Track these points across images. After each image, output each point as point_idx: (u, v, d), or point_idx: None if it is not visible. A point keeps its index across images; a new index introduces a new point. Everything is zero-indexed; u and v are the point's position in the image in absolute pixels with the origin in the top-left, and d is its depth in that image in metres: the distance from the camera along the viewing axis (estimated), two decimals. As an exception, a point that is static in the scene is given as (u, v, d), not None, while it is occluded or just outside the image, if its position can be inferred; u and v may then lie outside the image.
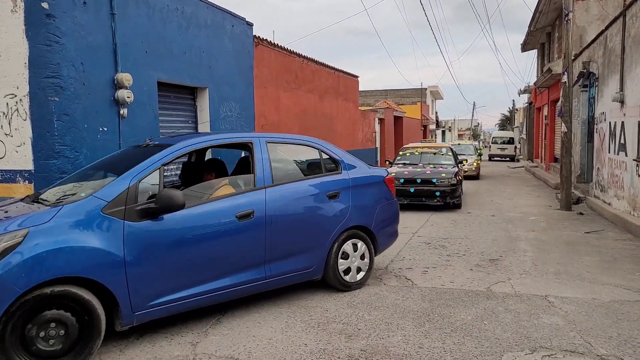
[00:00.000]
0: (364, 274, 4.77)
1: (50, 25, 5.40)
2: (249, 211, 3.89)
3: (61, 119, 5.50)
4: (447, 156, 11.25)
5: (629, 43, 8.03)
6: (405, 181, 9.84)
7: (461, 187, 10.19)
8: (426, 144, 12.49)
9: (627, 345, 3.43)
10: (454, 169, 10.26)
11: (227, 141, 4.50)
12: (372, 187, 4.90)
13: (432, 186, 9.69)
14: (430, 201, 9.65)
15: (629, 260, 5.71)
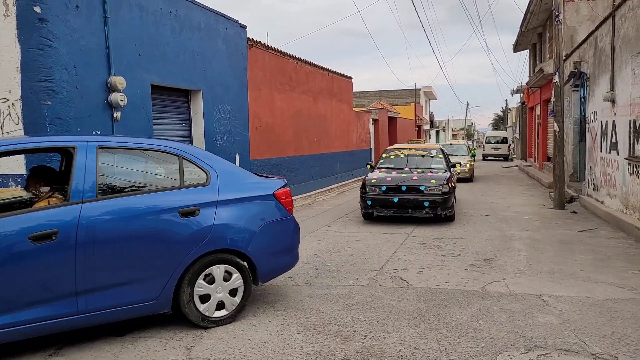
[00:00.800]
0: (232, 311, 3.94)
1: (42, 29, 5.37)
2: (49, 232, 3.23)
3: (54, 122, 5.47)
4: (438, 159, 9.68)
5: (618, 43, 8.12)
6: (388, 189, 8.37)
7: (454, 195, 8.74)
8: (414, 145, 10.75)
9: (620, 343, 3.46)
10: (446, 174, 8.81)
11: (39, 145, 3.73)
12: (252, 203, 4.05)
13: (420, 195, 8.21)
14: (417, 212, 8.22)
15: (622, 259, 5.77)
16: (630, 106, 7.50)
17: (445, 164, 9.56)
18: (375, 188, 8.50)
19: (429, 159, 9.70)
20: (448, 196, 8.27)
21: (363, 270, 5.53)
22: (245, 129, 9.76)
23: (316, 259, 6.13)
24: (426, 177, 8.56)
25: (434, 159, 9.67)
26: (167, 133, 7.71)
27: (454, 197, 8.58)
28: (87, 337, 3.74)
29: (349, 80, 17.05)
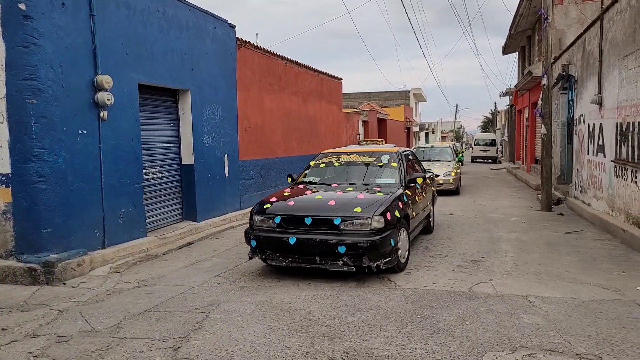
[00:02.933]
0: None
1: (27, 26, 5.28)
2: None
3: (39, 121, 5.38)
4: (389, 169, 6.40)
5: (606, 46, 8.23)
6: (285, 221, 5.20)
7: (403, 232, 5.48)
8: (358, 148, 7.40)
9: (605, 343, 3.49)
10: (391, 195, 5.57)
11: None
12: None
13: (332, 233, 4.97)
14: (329, 264, 4.98)
15: (608, 260, 5.84)
16: (617, 109, 7.61)
17: (400, 176, 6.22)
18: (266, 219, 5.28)
19: (375, 170, 6.41)
20: (383, 236, 4.93)
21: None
22: (234, 130, 9.71)
23: (305, 260, 6.10)
24: (350, 201, 5.29)
25: (383, 170, 6.40)
26: (154, 133, 7.64)
27: (397, 236, 5.23)
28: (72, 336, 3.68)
29: (338, 82, 17.08)
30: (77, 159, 5.82)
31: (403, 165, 6.50)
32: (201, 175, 8.47)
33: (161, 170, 7.78)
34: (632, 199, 6.91)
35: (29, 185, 5.37)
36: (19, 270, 5.24)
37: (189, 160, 8.28)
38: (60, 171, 5.58)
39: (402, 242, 5.49)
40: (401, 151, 6.91)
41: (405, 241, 5.64)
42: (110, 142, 6.34)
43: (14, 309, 4.48)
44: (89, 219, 5.96)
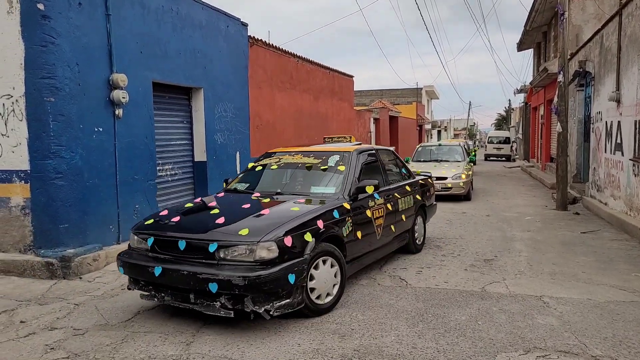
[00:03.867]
0: None
1: (45, 26, 5.38)
2: None
3: (57, 119, 5.49)
4: (334, 174, 4.96)
5: (625, 42, 8.06)
6: (158, 244, 4.00)
7: (327, 262, 4.12)
8: (306, 148, 5.73)
9: (622, 346, 3.43)
10: (306, 211, 4.18)
11: None
12: None
13: (206, 264, 3.73)
14: (205, 305, 3.74)
15: (625, 261, 5.73)
16: (636, 106, 7.44)
17: (343, 185, 4.77)
18: (141, 239, 4.12)
19: (316, 175, 5.05)
20: (276, 270, 3.61)
21: (362, 269, 5.51)
22: (246, 127, 9.76)
23: (316, 257, 6.12)
24: (244, 220, 4.03)
25: (325, 175, 5.00)
26: (168, 130, 7.73)
27: (325, 265, 4.08)
28: (87, 330, 3.76)
29: (350, 79, 17.02)
30: (93, 156, 5.92)
31: (353, 170, 4.91)
32: (213, 172, 8.53)
33: (174, 167, 7.87)
34: (650, 198, 6.77)
35: (46, 181, 5.48)
36: (37, 265, 5.36)
37: (202, 157, 8.36)
38: (77, 168, 5.68)
39: (323, 276, 4.00)
40: (361, 151, 5.34)
41: (331, 274, 4.09)
42: (125, 139, 6.43)
43: (32, 302, 4.58)
44: (104, 214, 6.06)
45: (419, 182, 6.46)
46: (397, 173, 6.17)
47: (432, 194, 7.00)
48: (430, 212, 6.85)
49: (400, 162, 6.43)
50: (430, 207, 6.87)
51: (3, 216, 5.65)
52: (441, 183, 10.81)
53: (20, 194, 5.56)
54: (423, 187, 6.54)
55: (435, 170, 10.82)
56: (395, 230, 5.50)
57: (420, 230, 6.34)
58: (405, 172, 6.38)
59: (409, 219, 5.89)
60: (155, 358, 3.34)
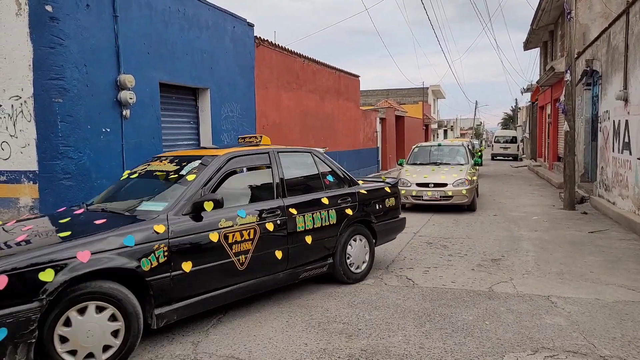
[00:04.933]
0: None
1: (53, 27, 5.44)
2: None
3: (65, 120, 5.54)
4: (177, 187, 3.91)
5: (632, 41, 7.99)
6: None
7: (103, 312, 3.07)
8: (186, 151, 4.85)
9: (630, 346, 3.41)
10: (82, 232, 3.21)
11: None
12: None
13: None
14: None
15: (634, 260, 5.68)
16: (643, 105, 7.38)
17: (177, 200, 3.70)
18: None
19: (161, 187, 4.12)
20: None
21: (369, 269, 5.51)
22: (252, 127, 9.79)
23: (322, 257, 6.12)
24: None
25: (169, 187, 4.03)
26: (175, 131, 7.77)
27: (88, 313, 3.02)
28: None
29: (356, 79, 17.02)
30: (101, 157, 5.97)
31: (201, 181, 3.86)
32: (220, 173, 8.56)
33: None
34: (659, 198, 6.71)
35: (54, 182, 5.54)
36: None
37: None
38: (85, 168, 5.73)
39: (83, 333, 2.96)
40: (235, 155, 4.24)
41: (106, 330, 3.07)
42: (132, 139, 6.47)
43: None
44: (112, 215, 6.10)
45: (357, 194, 5.01)
46: (314, 181, 4.81)
47: (391, 207, 5.47)
48: (385, 232, 5.37)
49: (326, 167, 5.00)
50: (387, 224, 5.37)
51: (12, 217, 5.71)
52: (440, 191, 9.29)
53: (28, 194, 5.62)
54: (368, 200, 5.13)
55: (433, 175, 9.66)
56: (290, 256, 4.25)
57: (359, 254, 4.96)
58: (332, 180, 4.95)
59: (328, 240, 4.62)
60: (162, 358, 3.36)
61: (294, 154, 4.94)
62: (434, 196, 9.33)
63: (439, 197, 9.30)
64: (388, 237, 5.56)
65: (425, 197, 9.39)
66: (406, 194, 9.36)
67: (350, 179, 5.21)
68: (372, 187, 5.37)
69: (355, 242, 4.97)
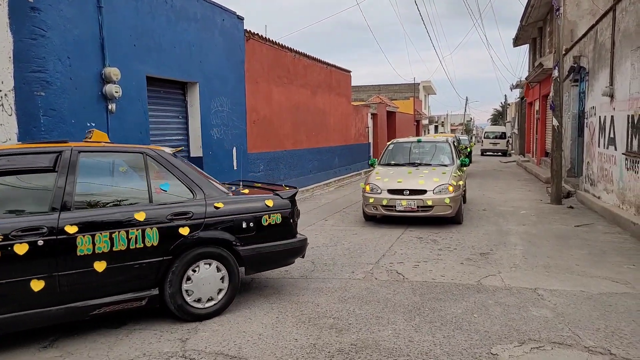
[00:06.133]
0: None
1: (35, 18, 5.31)
2: None
3: (48, 114, 5.42)
4: None
5: (618, 37, 8.08)
6: None
7: None
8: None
9: (614, 336, 3.46)
10: None
11: None
12: None
13: None
14: None
15: (618, 253, 5.77)
16: (629, 101, 7.47)
17: None
18: None
19: None
20: None
21: (359, 263, 5.52)
22: (243, 122, 9.71)
23: (313, 252, 6.12)
24: None
25: None
26: (163, 125, 7.67)
27: None
28: (81, 329, 3.73)
29: (347, 74, 16.97)
30: (86, 151, 5.85)
31: None
32: (209, 168, 8.48)
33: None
34: (644, 192, 6.81)
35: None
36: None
37: (198, 152, 8.32)
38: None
39: None
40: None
41: None
42: (119, 134, 6.36)
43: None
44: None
45: (205, 208, 3.94)
46: (135, 191, 3.85)
47: (274, 226, 4.28)
48: (261, 257, 4.22)
49: (166, 172, 3.99)
50: (266, 248, 4.21)
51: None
52: (417, 199, 7.35)
53: (12, 189, 5.49)
54: (228, 216, 4.04)
55: (409, 179, 7.69)
56: (63, 287, 3.38)
57: (207, 285, 3.92)
58: (168, 190, 3.95)
59: (146, 266, 3.66)
60: (150, 355, 3.32)
61: (111, 155, 3.97)
62: (409, 206, 7.38)
63: (416, 207, 7.39)
64: (271, 263, 4.41)
65: (398, 207, 7.41)
66: (375, 203, 7.57)
67: (203, 189, 4.03)
68: (236, 201, 4.18)
69: (200, 269, 3.89)
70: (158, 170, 3.97)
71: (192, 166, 4.29)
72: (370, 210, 7.80)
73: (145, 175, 3.89)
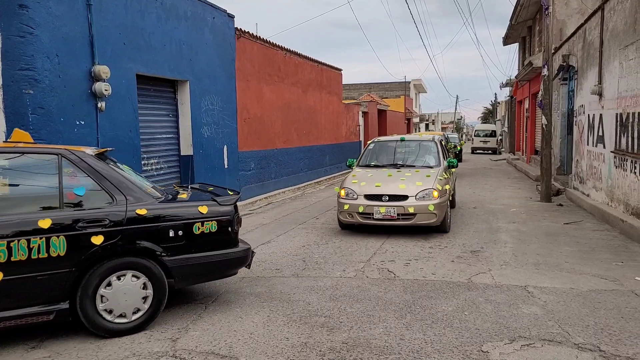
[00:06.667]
0: None
1: (23, 15, 5.23)
2: None
3: (36, 112, 5.35)
4: None
5: (607, 36, 8.17)
6: None
7: None
8: None
9: (603, 333, 3.50)
10: None
11: None
12: None
13: None
14: None
15: (606, 250, 5.84)
16: (617, 99, 7.57)
17: None
18: None
19: None
20: None
21: (350, 262, 5.53)
22: (234, 121, 9.67)
23: (304, 250, 6.12)
24: None
25: None
26: (153, 124, 7.61)
27: None
28: (70, 329, 3.69)
29: (338, 72, 16.97)
30: (75, 150, 5.79)
31: None
32: (200, 167, 8.44)
33: (160, 161, 7.77)
34: (631, 189, 6.91)
35: (26, 176, 5.34)
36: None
37: (188, 151, 8.26)
38: (58, 162, 5.55)
39: None
40: None
41: None
42: (108, 133, 6.31)
43: None
44: (87, 210, 5.93)
45: (124, 215, 3.63)
46: (42, 197, 3.57)
47: (209, 235, 3.93)
48: (193, 268, 3.89)
49: (84, 176, 3.66)
50: (200, 259, 3.89)
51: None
52: (397, 206, 6.57)
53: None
54: (152, 224, 3.73)
55: (388, 183, 6.90)
56: None
57: (127, 298, 3.61)
58: (84, 195, 3.62)
59: (50, 278, 3.38)
60: (140, 355, 3.29)
61: (20, 156, 3.59)
62: (388, 214, 6.57)
63: (396, 215, 6.58)
64: (205, 275, 4.07)
65: (376, 215, 6.60)
66: (350, 209, 6.76)
67: (125, 194, 3.71)
68: (163, 207, 3.84)
69: (119, 281, 3.59)
70: (74, 173, 3.64)
71: (116, 169, 3.92)
72: (346, 218, 6.90)
73: (58, 178, 3.57)
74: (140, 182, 4.09)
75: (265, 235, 7.19)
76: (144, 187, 3.97)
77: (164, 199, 3.96)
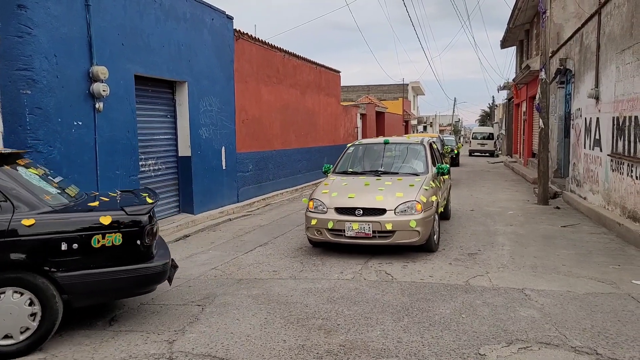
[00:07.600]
0: None
1: (21, 16, 5.22)
2: None
3: (33, 112, 5.33)
4: None
5: (604, 40, 8.21)
6: None
7: None
8: None
9: (600, 336, 3.51)
10: None
11: None
12: None
13: None
14: None
15: (603, 254, 5.86)
16: (614, 103, 7.60)
17: None
18: None
19: None
20: None
21: (348, 264, 5.52)
22: (232, 122, 9.66)
23: (301, 252, 6.11)
24: None
25: None
26: (151, 125, 7.59)
27: None
28: (66, 330, 3.67)
29: (337, 74, 16.99)
30: (72, 151, 5.78)
31: None
32: (198, 168, 8.43)
33: (158, 162, 7.75)
34: (627, 193, 6.93)
35: (23, 176, 5.31)
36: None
37: (186, 152, 8.25)
38: (55, 162, 5.53)
39: None
40: None
41: None
42: (106, 133, 6.29)
43: None
44: (84, 211, 5.91)
45: (7, 226, 3.27)
46: None
47: (111, 249, 3.53)
48: (91, 285, 3.50)
49: None
50: (100, 275, 3.51)
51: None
52: (373, 222, 5.58)
53: (-4, 189, 5.39)
54: (41, 236, 3.35)
55: (363, 193, 5.91)
56: None
57: (9, 318, 3.27)
58: None
59: None
60: (136, 357, 3.28)
61: None
62: (362, 231, 5.58)
63: (372, 232, 5.59)
64: (109, 293, 3.65)
65: (348, 232, 5.62)
66: (319, 225, 5.78)
67: (13, 202, 3.33)
68: (55, 218, 3.42)
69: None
70: None
71: (10, 174, 3.48)
72: (314, 235, 5.86)
73: None
74: (41, 188, 3.58)
75: (263, 237, 7.19)
76: (41, 194, 3.50)
77: (60, 209, 3.49)
